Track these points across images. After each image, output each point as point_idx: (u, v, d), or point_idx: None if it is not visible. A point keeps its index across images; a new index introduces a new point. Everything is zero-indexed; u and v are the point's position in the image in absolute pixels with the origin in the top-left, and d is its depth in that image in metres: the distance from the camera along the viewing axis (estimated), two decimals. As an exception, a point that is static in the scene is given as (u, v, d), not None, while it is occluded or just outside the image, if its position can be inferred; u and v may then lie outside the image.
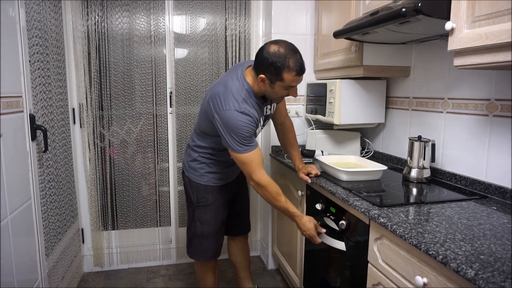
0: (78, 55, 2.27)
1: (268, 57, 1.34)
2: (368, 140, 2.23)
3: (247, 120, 1.39)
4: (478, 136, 1.45)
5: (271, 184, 1.48)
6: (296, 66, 1.36)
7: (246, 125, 1.39)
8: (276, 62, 1.33)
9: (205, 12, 2.47)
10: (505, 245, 0.94)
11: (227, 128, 1.39)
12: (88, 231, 2.48)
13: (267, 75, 1.37)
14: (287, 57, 1.34)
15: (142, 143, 2.51)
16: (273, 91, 1.43)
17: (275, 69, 1.34)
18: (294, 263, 2.05)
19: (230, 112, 1.38)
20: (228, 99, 1.40)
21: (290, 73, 1.35)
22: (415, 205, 1.29)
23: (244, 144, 1.40)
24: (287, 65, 1.34)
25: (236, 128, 1.37)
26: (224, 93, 1.42)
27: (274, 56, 1.33)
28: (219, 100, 1.41)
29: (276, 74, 1.35)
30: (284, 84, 1.39)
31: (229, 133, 1.39)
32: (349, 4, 1.83)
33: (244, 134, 1.39)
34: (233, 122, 1.37)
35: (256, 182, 1.46)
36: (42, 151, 1.74)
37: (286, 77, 1.36)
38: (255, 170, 1.44)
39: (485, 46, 1.01)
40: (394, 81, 1.99)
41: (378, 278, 1.19)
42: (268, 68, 1.35)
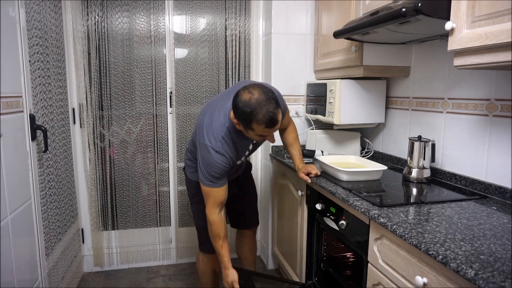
0: (78, 55, 2.27)
1: (239, 105, 1.29)
2: (368, 140, 2.23)
3: (220, 160, 1.44)
4: (478, 136, 1.45)
5: (216, 224, 1.54)
6: (265, 119, 1.27)
7: (218, 165, 1.44)
8: (245, 113, 1.28)
9: (205, 12, 2.47)
10: (505, 245, 0.94)
11: (201, 160, 1.47)
12: (88, 231, 2.48)
13: (239, 121, 1.33)
14: (257, 108, 1.26)
15: (142, 143, 2.51)
16: (248, 135, 1.40)
17: (244, 120, 1.30)
18: (294, 263, 2.05)
19: (206, 147, 1.44)
20: (208, 133, 1.44)
21: (259, 125, 1.29)
22: (415, 205, 1.29)
23: (210, 180, 1.47)
24: (256, 118, 1.27)
25: (207, 164, 1.45)
26: (207, 125, 1.46)
27: (244, 107, 1.27)
28: (202, 131, 1.47)
29: (246, 124, 1.31)
30: (254, 133, 1.35)
31: (201, 164, 1.48)
32: (349, 4, 1.83)
33: (212, 172, 1.45)
34: (206, 158, 1.45)
35: (207, 215, 1.55)
36: (42, 151, 1.74)
37: (256, 128, 1.31)
38: (209, 205, 1.53)
39: (485, 46, 1.01)
40: (394, 81, 1.99)
41: (378, 278, 1.19)
42: (240, 116, 1.31)
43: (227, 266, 1.59)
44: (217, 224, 1.54)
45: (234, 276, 1.59)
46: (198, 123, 1.53)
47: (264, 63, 2.50)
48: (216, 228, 1.55)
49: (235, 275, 1.60)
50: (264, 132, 1.34)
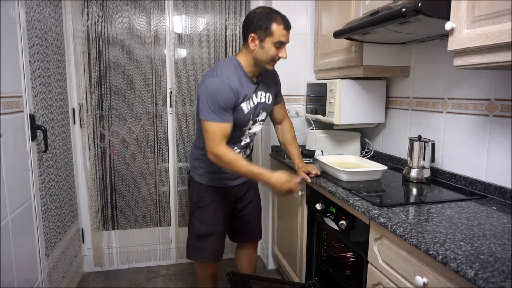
0: (78, 55, 2.27)
1: (255, 15, 1.43)
2: (368, 140, 2.23)
3: (226, 87, 1.41)
4: (478, 136, 1.45)
5: (229, 152, 1.44)
6: (284, 20, 1.44)
7: (224, 92, 1.41)
8: (264, 17, 1.41)
9: (205, 12, 2.47)
10: (505, 245, 0.94)
11: (205, 93, 1.42)
12: (88, 231, 2.48)
13: (257, 33, 1.43)
14: (273, 12, 1.43)
15: (142, 143, 2.51)
16: (263, 51, 1.45)
17: (264, 23, 1.41)
18: (294, 263, 2.05)
19: (211, 79, 1.43)
20: (213, 71, 1.47)
21: (279, 25, 1.41)
22: (415, 205, 1.29)
23: (215, 113, 1.40)
24: (274, 18, 1.41)
25: (212, 93, 1.40)
26: (211, 69, 1.50)
27: (262, 13, 1.42)
28: (206, 75, 1.48)
29: (266, 28, 1.41)
30: (273, 39, 1.42)
31: (205, 98, 1.42)
32: (349, 4, 1.83)
33: (218, 101, 1.40)
34: (211, 87, 1.41)
35: (214, 153, 1.44)
36: (42, 151, 1.74)
37: (275, 29, 1.41)
38: (214, 142, 1.43)
39: (485, 46, 1.01)
40: (394, 81, 1.99)
41: (378, 278, 1.19)
42: (257, 25, 1.41)
43: (269, 173, 1.45)
44: (230, 151, 1.44)
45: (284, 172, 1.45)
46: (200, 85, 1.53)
47: (264, 63, 2.50)
48: (231, 155, 1.44)
49: (283, 172, 1.45)
50: (282, 36, 1.43)
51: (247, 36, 1.46)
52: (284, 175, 1.44)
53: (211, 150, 1.44)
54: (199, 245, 1.71)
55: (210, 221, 1.69)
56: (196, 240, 1.71)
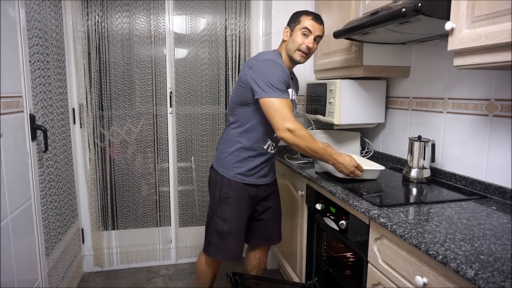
0: (78, 55, 2.27)
1: (292, 15, 1.64)
2: (368, 140, 2.23)
3: (281, 68, 1.48)
4: (478, 136, 1.45)
5: (302, 127, 1.44)
6: (314, 13, 1.59)
7: (280, 70, 1.47)
8: (298, 13, 1.61)
9: (205, 12, 2.47)
10: (505, 245, 0.94)
11: (261, 73, 1.45)
12: (88, 231, 2.48)
13: (290, 24, 1.61)
14: (306, 11, 1.61)
15: (142, 143, 2.51)
16: (291, 39, 1.58)
17: (295, 16, 1.60)
18: (294, 263, 2.05)
19: (264, 61, 1.49)
20: (261, 55, 1.56)
21: (307, 16, 1.56)
22: (415, 205, 1.29)
23: (278, 89, 1.42)
24: (305, 12, 1.59)
25: (270, 72, 1.44)
26: (257, 55, 1.58)
27: (296, 12, 1.63)
28: (253, 60, 1.54)
29: (295, 19, 1.58)
30: (300, 25, 1.55)
31: (262, 78, 1.43)
32: (349, 4, 1.83)
33: (278, 77, 1.44)
34: (267, 68, 1.46)
35: (289, 128, 1.40)
36: (42, 151, 1.74)
37: (303, 18, 1.56)
38: (286, 117, 1.40)
39: (485, 46, 1.01)
40: (394, 81, 1.99)
41: (378, 278, 1.19)
42: (291, 19, 1.62)
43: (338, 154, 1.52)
44: (302, 126, 1.45)
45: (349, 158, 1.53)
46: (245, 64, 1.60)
47: (264, 63, 2.50)
48: (304, 129, 1.44)
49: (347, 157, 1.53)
50: (308, 24, 1.55)
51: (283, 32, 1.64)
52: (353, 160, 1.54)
53: (284, 126, 1.40)
54: (221, 243, 1.65)
55: (232, 218, 1.63)
56: (218, 238, 1.65)
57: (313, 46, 1.58)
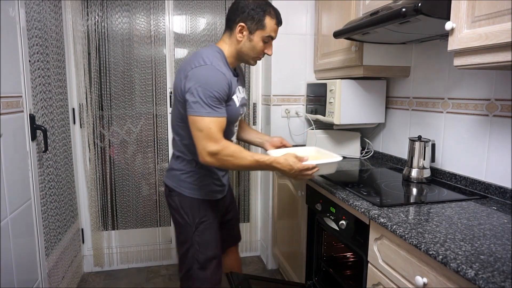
0: (78, 55, 2.27)
1: (248, 3, 1.30)
2: (368, 140, 2.23)
3: (219, 75, 1.22)
4: (478, 136, 1.45)
5: (229, 144, 1.24)
6: (277, 14, 1.35)
7: (217, 81, 1.21)
8: (258, 7, 1.30)
9: (205, 12, 2.47)
10: (505, 245, 0.94)
11: (194, 84, 1.20)
12: (88, 231, 2.48)
13: (248, 23, 1.30)
14: (267, 5, 1.33)
15: (142, 143, 2.51)
16: (250, 44, 1.33)
17: (257, 14, 1.29)
18: (294, 263, 2.05)
19: (199, 68, 1.22)
20: (199, 58, 1.26)
21: (272, 19, 1.33)
22: (415, 205, 1.29)
23: (209, 106, 1.19)
24: (268, 11, 1.32)
25: (204, 83, 1.19)
26: (193, 57, 1.29)
27: (255, 3, 1.30)
28: (189, 64, 1.26)
29: (258, 20, 1.30)
30: (264, 33, 1.32)
31: (194, 90, 1.20)
32: (349, 4, 1.83)
33: (213, 93, 1.19)
34: (201, 77, 1.20)
35: (212, 152, 1.20)
36: (42, 151, 1.74)
37: (268, 23, 1.32)
38: (211, 139, 1.20)
39: (485, 46, 1.01)
40: (394, 81, 1.99)
41: (378, 278, 1.19)
42: (249, 15, 1.29)
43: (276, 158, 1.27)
44: (229, 143, 1.25)
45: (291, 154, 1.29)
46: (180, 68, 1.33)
47: (264, 63, 2.50)
48: (232, 146, 1.25)
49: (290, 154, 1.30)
50: (272, 32, 1.35)
51: (233, 24, 1.32)
52: (291, 157, 1.28)
53: (208, 150, 1.20)
54: (205, 274, 1.42)
55: (212, 241, 1.44)
56: (201, 269, 1.41)
57: (272, 53, 1.40)
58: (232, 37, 1.34)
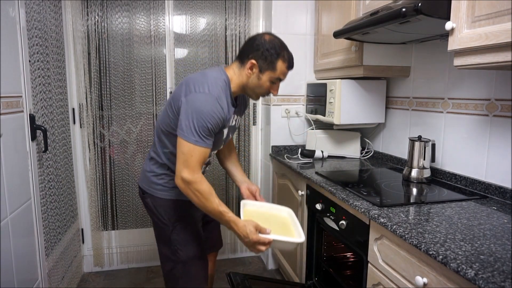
0: (78, 55, 2.27)
1: (264, 43, 1.30)
2: (368, 140, 2.23)
3: (217, 109, 1.23)
4: (478, 136, 1.45)
5: (203, 181, 1.25)
6: (290, 59, 1.35)
7: (214, 114, 1.22)
8: (273, 49, 1.30)
9: (205, 12, 2.47)
10: (505, 245, 0.94)
11: (191, 109, 1.21)
12: (88, 231, 2.48)
13: (260, 62, 1.31)
14: (282, 47, 1.33)
15: (142, 143, 2.51)
16: (258, 82, 1.34)
17: (271, 56, 1.30)
18: (294, 263, 2.05)
19: (201, 94, 1.23)
20: (204, 83, 1.26)
21: (284, 63, 1.33)
22: (415, 205, 1.29)
23: (199, 135, 1.21)
24: (282, 55, 1.32)
25: (201, 112, 1.20)
26: (200, 78, 1.29)
27: (271, 44, 1.30)
28: (193, 83, 1.27)
29: (270, 61, 1.30)
30: (274, 75, 1.33)
31: (190, 115, 1.21)
32: (349, 4, 1.83)
33: (205, 123, 1.21)
34: (200, 105, 1.21)
35: (185, 179, 1.22)
36: (42, 151, 1.74)
37: (279, 66, 1.32)
38: (190, 166, 1.22)
39: (485, 46, 1.01)
40: (394, 81, 1.99)
41: (378, 278, 1.19)
42: (262, 54, 1.30)
43: (237, 219, 1.25)
44: (204, 180, 1.25)
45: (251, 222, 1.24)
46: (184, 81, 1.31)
47: (264, 63, 2.50)
48: (205, 185, 1.24)
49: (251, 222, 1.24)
50: (281, 75, 1.34)
51: (245, 58, 1.33)
52: (251, 226, 1.23)
53: (182, 175, 1.22)
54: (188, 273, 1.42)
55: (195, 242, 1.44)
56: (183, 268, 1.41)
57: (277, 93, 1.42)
58: (242, 70, 1.34)
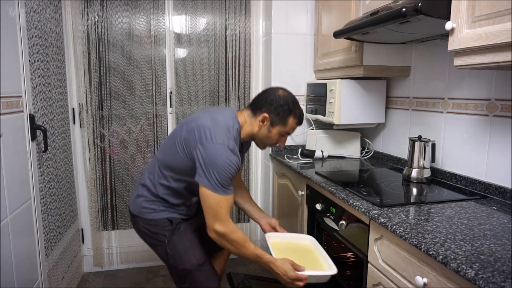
0: (78, 55, 2.27)
1: (278, 99, 1.36)
2: (368, 140, 2.23)
3: (234, 161, 1.27)
4: (478, 136, 1.45)
5: (236, 230, 1.30)
6: (300, 116, 1.42)
7: (232, 165, 1.26)
8: (286, 105, 1.36)
9: (205, 12, 2.47)
10: (505, 245, 0.94)
11: (211, 162, 1.25)
12: (88, 231, 2.48)
13: (272, 116, 1.36)
14: (295, 104, 1.39)
15: (142, 143, 2.51)
16: (267, 135, 1.40)
17: (283, 112, 1.36)
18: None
19: (219, 146, 1.26)
20: (218, 132, 1.29)
21: (295, 119, 1.39)
22: (415, 205, 1.29)
23: (223, 185, 1.26)
24: (294, 111, 1.38)
25: (221, 166, 1.25)
26: (213, 126, 1.30)
27: (284, 100, 1.36)
28: (207, 131, 1.29)
29: (283, 117, 1.36)
30: (284, 129, 1.39)
31: (211, 169, 1.25)
32: (349, 4, 1.83)
33: (226, 174, 1.26)
34: (220, 159, 1.25)
35: (219, 231, 1.27)
36: (42, 151, 1.74)
37: (290, 122, 1.38)
38: (221, 218, 1.27)
39: (485, 46, 1.01)
40: (394, 81, 1.99)
41: (378, 278, 1.19)
42: (275, 109, 1.35)
43: (274, 259, 1.30)
44: (236, 228, 1.30)
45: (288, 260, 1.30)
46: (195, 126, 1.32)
47: (264, 63, 2.50)
48: (239, 233, 1.30)
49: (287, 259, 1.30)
50: (291, 129, 1.41)
51: (258, 111, 1.37)
52: (288, 264, 1.29)
53: (215, 229, 1.27)
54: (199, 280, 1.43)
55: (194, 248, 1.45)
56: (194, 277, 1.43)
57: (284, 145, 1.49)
58: (253, 120, 1.39)
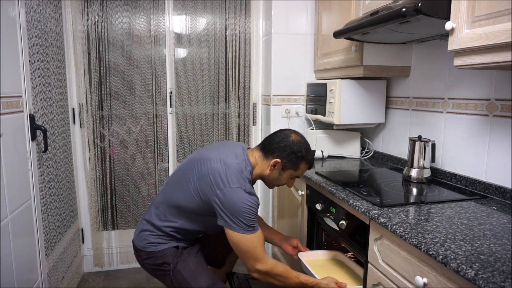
0: (78, 55, 2.27)
1: (291, 145, 1.37)
2: (368, 140, 2.23)
3: (254, 202, 1.28)
4: (478, 136, 1.45)
5: (277, 264, 1.34)
6: (311, 161, 1.44)
7: (253, 207, 1.28)
8: (299, 152, 1.37)
9: (205, 12, 2.47)
10: (505, 245, 0.94)
11: (232, 208, 1.26)
12: (88, 231, 2.48)
13: (284, 161, 1.37)
14: (308, 150, 1.41)
15: (142, 143, 2.51)
16: (278, 177, 1.42)
17: (296, 158, 1.37)
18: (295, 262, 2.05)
19: (237, 190, 1.26)
20: (233, 176, 1.29)
21: (306, 165, 1.42)
22: (415, 205, 1.29)
23: (250, 226, 1.28)
24: (306, 158, 1.39)
25: (243, 209, 1.25)
26: (226, 170, 1.30)
27: (297, 146, 1.37)
28: (223, 176, 1.29)
29: (295, 162, 1.38)
30: (295, 173, 1.41)
31: (233, 215, 1.26)
32: (349, 4, 1.83)
33: (249, 216, 1.27)
34: (240, 203, 1.25)
35: (261, 270, 1.30)
36: (42, 151, 1.74)
37: (302, 167, 1.41)
38: (260, 257, 1.29)
39: (485, 46, 1.01)
40: (394, 81, 1.99)
41: (378, 278, 1.19)
42: (288, 155, 1.36)
43: (319, 280, 1.36)
44: (276, 262, 1.34)
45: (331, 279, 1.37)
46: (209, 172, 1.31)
47: (264, 63, 2.50)
48: (280, 266, 1.34)
49: (330, 278, 1.37)
50: (301, 173, 1.44)
51: (270, 154, 1.38)
52: (332, 283, 1.36)
53: (257, 269, 1.29)
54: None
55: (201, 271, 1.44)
56: None
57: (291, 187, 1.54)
58: (265, 163, 1.40)
